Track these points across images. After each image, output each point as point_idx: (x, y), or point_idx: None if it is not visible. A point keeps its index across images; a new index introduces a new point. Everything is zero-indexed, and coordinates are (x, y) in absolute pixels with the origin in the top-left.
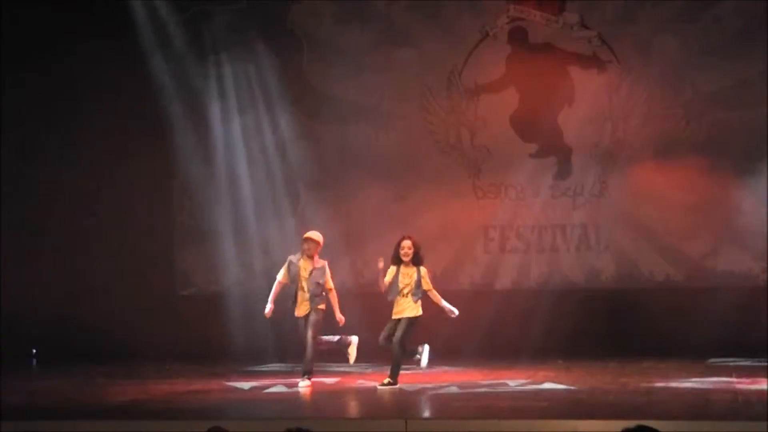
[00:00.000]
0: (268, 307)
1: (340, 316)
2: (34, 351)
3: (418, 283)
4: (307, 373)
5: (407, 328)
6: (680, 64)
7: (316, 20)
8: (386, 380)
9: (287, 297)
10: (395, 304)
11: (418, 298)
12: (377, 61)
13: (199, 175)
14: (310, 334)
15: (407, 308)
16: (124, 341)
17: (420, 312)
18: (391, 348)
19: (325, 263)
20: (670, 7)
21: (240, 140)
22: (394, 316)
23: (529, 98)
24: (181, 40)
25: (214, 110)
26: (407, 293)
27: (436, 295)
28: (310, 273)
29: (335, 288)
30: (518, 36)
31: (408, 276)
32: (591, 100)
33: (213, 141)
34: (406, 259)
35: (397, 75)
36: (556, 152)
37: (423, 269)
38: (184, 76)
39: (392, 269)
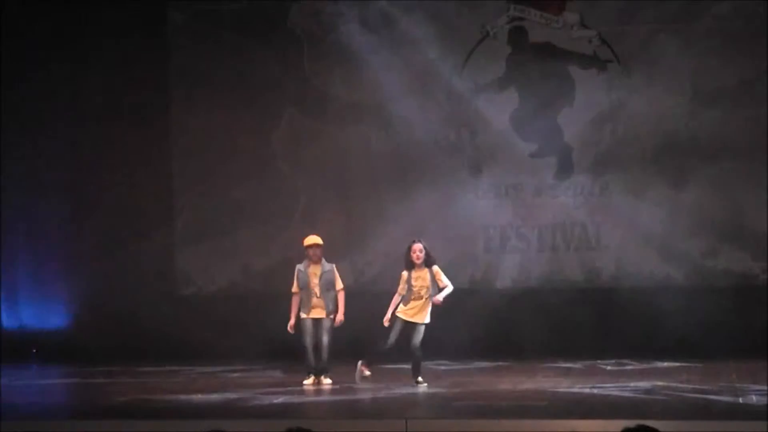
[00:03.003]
0: (291, 322)
1: (340, 318)
2: (34, 351)
3: (433, 283)
4: (325, 371)
5: (423, 333)
6: (680, 64)
7: (317, 20)
8: (419, 380)
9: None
10: (407, 305)
11: (431, 302)
12: (377, 61)
13: (199, 175)
14: (326, 339)
15: (422, 313)
16: (124, 341)
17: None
18: (412, 353)
19: (333, 266)
20: (670, 7)
21: (240, 140)
22: (404, 317)
23: (529, 98)
24: (180, 42)
25: (215, 111)
26: (423, 295)
27: (449, 291)
28: (321, 276)
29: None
30: (518, 36)
31: (421, 278)
32: (591, 100)
33: (213, 141)
34: (418, 262)
35: (398, 75)
36: (556, 152)
37: (435, 267)
38: (185, 77)
39: (404, 274)
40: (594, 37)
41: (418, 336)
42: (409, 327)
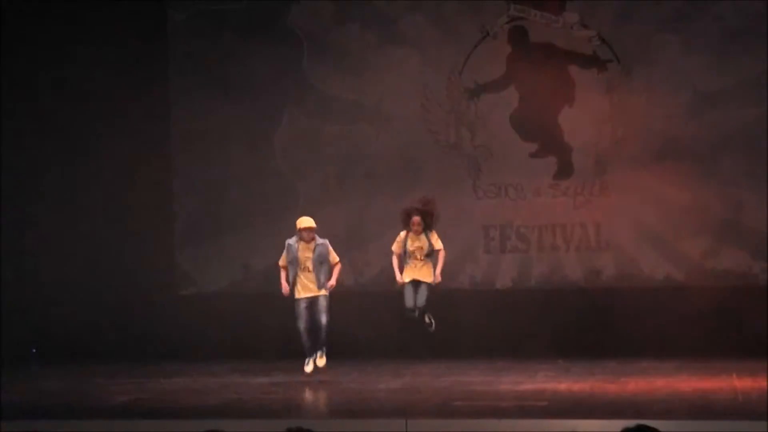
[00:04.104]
0: (284, 287)
1: (332, 282)
2: (34, 351)
3: (429, 245)
4: (322, 349)
5: (429, 294)
6: (680, 64)
7: (316, 20)
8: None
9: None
10: (408, 267)
11: (432, 263)
12: (377, 61)
13: (199, 175)
14: (324, 318)
15: (423, 271)
16: (124, 341)
17: (433, 279)
18: (419, 312)
19: (326, 240)
20: (670, 7)
21: (240, 140)
22: (408, 278)
23: (529, 98)
24: (180, 42)
25: (215, 111)
26: (419, 256)
27: (439, 259)
28: (314, 250)
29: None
30: (518, 36)
31: (418, 241)
32: (591, 100)
33: (213, 141)
34: (416, 234)
35: (397, 75)
36: (557, 152)
37: (433, 232)
38: (185, 77)
39: (401, 234)
40: (594, 37)
41: (423, 295)
42: (415, 284)
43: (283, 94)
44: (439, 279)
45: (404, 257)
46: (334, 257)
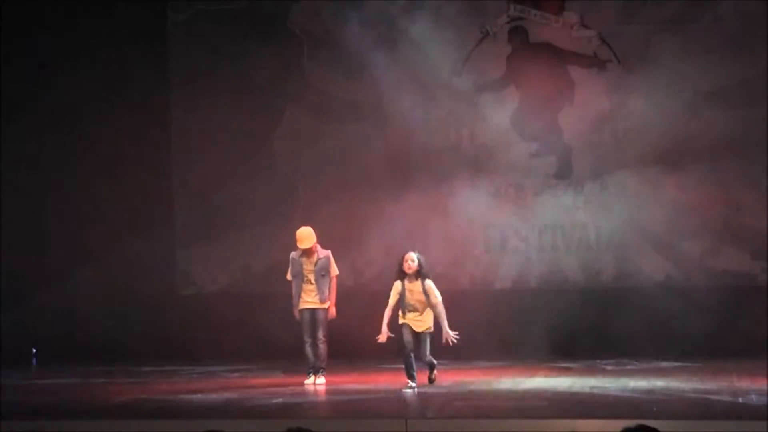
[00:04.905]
0: (294, 311)
1: (332, 312)
2: (34, 351)
3: (426, 296)
4: (321, 370)
5: (431, 342)
6: (680, 64)
7: (316, 20)
8: (432, 377)
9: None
10: (406, 316)
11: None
12: (377, 61)
13: (199, 175)
14: (321, 333)
15: (424, 322)
16: (124, 341)
17: (444, 336)
18: (423, 361)
19: (329, 252)
20: (670, 7)
21: (240, 140)
22: (410, 325)
23: (529, 98)
24: (180, 42)
25: (215, 111)
26: (419, 308)
27: (440, 313)
28: (316, 263)
29: (337, 280)
30: (518, 35)
31: (416, 292)
32: (591, 99)
33: (213, 141)
34: (409, 272)
35: (397, 75)
36: (557, 152)
37: (428, 282)
38: (185, 77)
39: (397, 285)
40: (594, 37)
41: (426, 346)
42: (416, 335)
43: (283, 94)
44: (450, 334)
45: (404, 307)
46: (333, 270)
